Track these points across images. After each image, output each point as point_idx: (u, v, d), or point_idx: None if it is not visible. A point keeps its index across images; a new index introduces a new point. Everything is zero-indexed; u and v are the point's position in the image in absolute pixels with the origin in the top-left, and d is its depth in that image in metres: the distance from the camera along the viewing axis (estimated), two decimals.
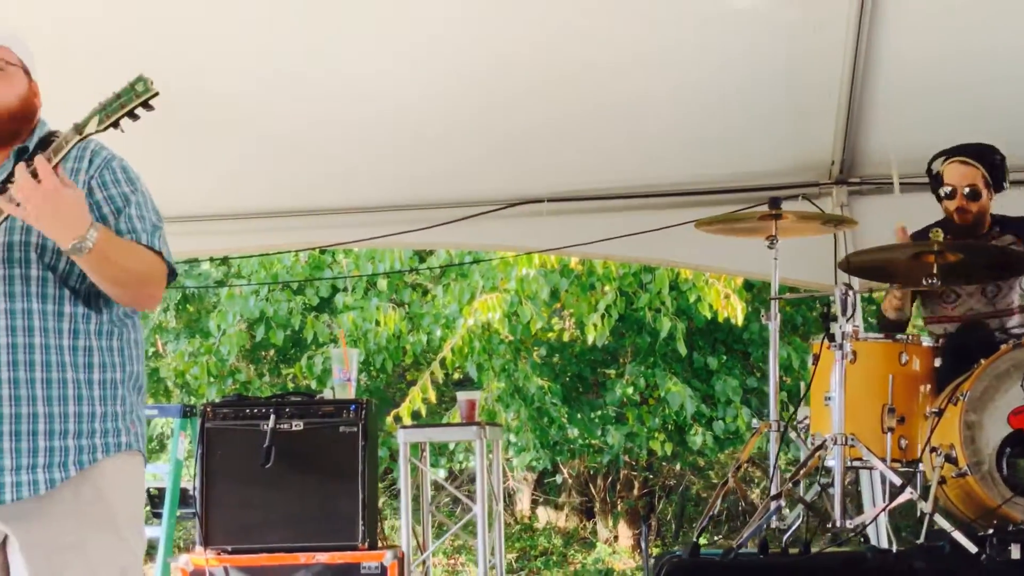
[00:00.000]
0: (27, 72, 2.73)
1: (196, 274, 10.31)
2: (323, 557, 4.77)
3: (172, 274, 2.73)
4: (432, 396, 8.75)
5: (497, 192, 5.50)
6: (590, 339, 8.86)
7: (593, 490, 12.42)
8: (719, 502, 4.24)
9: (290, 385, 11.07)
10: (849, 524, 3.86)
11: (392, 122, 5.01)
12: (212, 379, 9.70)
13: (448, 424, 7.95)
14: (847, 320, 3.94)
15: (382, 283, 9.37)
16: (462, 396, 5.43)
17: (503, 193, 5.50)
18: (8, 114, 2.65)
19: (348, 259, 9.28)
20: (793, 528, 4.08)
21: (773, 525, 4.03)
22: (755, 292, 9.17)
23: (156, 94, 2.45)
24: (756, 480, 11.43)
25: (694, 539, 3.88)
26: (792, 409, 4.59)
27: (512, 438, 9.92)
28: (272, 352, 11.14)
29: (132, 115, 2.47)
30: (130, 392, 2.71)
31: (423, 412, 8.57)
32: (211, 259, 9.82)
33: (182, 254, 6.11)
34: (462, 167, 5.34)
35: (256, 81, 4.73)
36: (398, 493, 10.71)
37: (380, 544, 5.03)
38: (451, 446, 10.32)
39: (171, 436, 10.38)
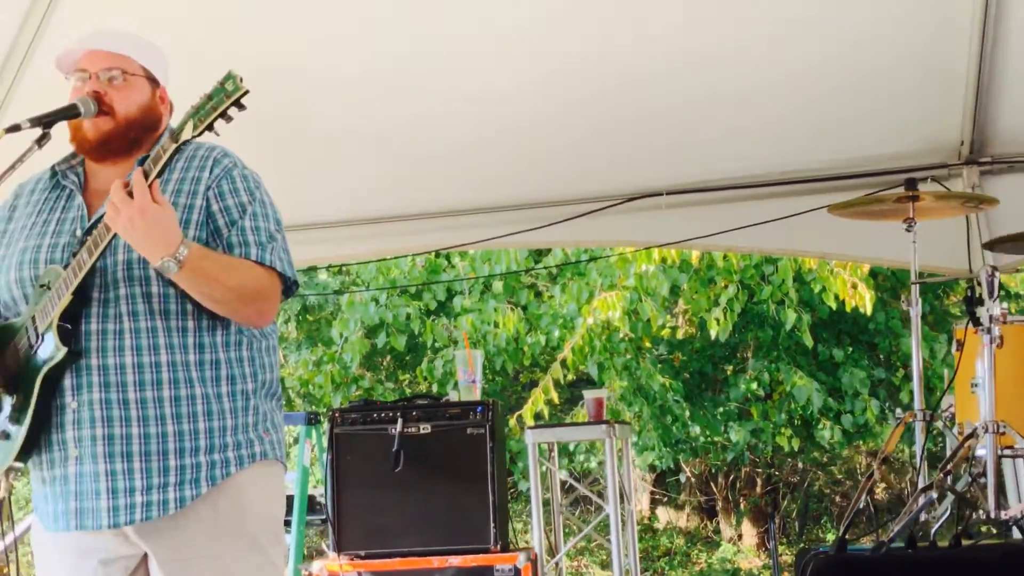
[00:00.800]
0: (152, 79, 2.72)
1: (315, 284, 10.41)
2: (456, 560, 4.75)
3: (290, 287, 2.68)
4: (555, 397, 8.70)
5: (614, 187, 5.40)
6: (712, 334, 8.72)
7: (714, 488, 12.26)
8: (864, 496, 4.11)
9: (407, 391, 11.13)
10: (1004, 515, 3.70)
11: (503, 120, 4.96)
12: (336, 387, 9.79)
13: (576, 423, 7.92)
14: (994, 303, 3.79)
15: (497, 285, 9.36)
16: (589, 395, 5.36)
17: (620, 187, 5.40)
18: (127, 123, 2.65)
19: (464, 262, 9.27)
20: (942, 520, 3.93)
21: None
22: (879, 280, 8.94)
23: (246, 92, 2.38)
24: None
25: (841, 534, 3.75)
26: (938, 397, 4.44)
27: (633, 438, 9.83)
28: (388, 358, 11.21)
29: (225, 116, 2.40)
30: (263, 401, 2.68)
31: (545, 413, 8.52)
32: (329, 267, 9.92)
33: (300, 263, 6.16)
34: (577, 162, 5.25)
35: (367, 85, 4.71)
36: (518, 495, 10.75)
37: (512, 546, 4.99)
38: (570, 447, 10.27)
39: (295, 444, 10.57)
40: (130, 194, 2.38)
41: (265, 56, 4.39)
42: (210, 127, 2.40)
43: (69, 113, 2.61)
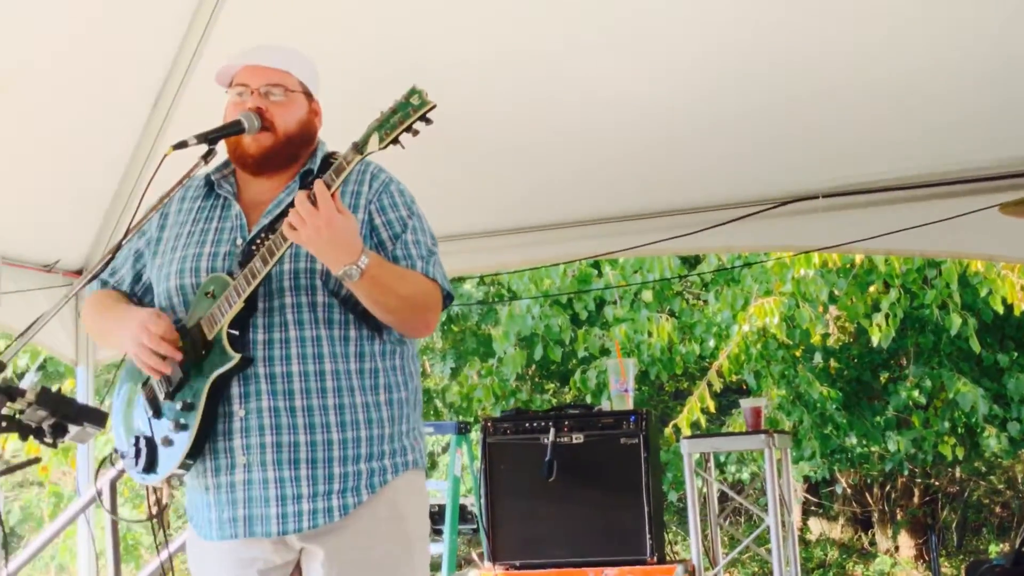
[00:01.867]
0: (308, 93, 2.79)
1: (459, 294, 10.52)
2: (612, 572, 4.74)
3: (447, 299, 2.73)
4: (711, 405, 8.61)
5: (767, 190, 5.30)
6: (874, 340, 8.50)
7: (870, 499, 11.96)
8: None
9: (556, 401, 11.14)
10: None
11: (653, 127, 4.90)
12: (496, 400, 9.87)
13: (734, 433, 7.81)
14: None
15: (647, 294, 9.30)
16: (746, 404, 5.28)
17: (773, 191, 5.29)
18: (287, 139, 2.72)
19: (615, 271, 9.23)
20: None
21: None
22: None
23: (434, 106, 2.41)
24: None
25: (1018, 546, 3.61)
26: None
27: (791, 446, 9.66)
28: (535, 368, 11.24)
29: (411, 130, 2.43)
30: (412, 409, 2.73)
31: (702, 423, 8.42)
32: (482, 277, 10.01)
33: (450, 272, 6.22)
34: (728, 166, 5.16)
35: (518, 94, 4.72)
36: (667, 506, 10.69)
37: (668, 558, 4.95)
38: (721, 458, 10.14)
39: (443, 453, 10.71)
40: (314, 204, 2.42)
41: (415, 65, 4.45)
42: (395, 141, 2.43)
43: (233, 129, 2.68)
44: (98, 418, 2.64)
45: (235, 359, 2.55)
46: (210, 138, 2.66)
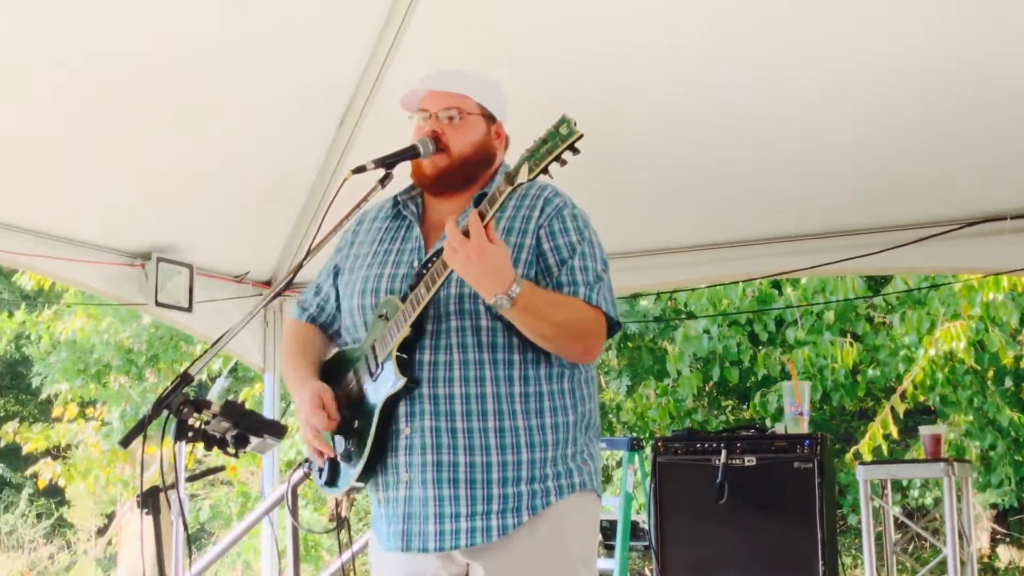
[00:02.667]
0: (488, 116, 2.86)
1: (635, 311, 10.51)
2: None
3: (614, 326, 2.73)
4: (894, 431, 8.38)
5: (954, 211, 5.16)
6: None
7: None
8: None
9: (733, 421, 11.01)
10: None
11: (834, 143, 4.82)
12: (670, 420, 9.83)
13: (912, 460, 7.58)
14: None
15: (829, 315, 9.11)
16: (925, 431, 5.15)
17: (960, 212, 5.15)
18: (462, 160, 2.79)
19: (796, 291, 9.08)
20: None
21: None
22: None
23: (580, 136, 2.40)
24: None
25: None
26: None
27: (974, 475, 9.32)
28: (714, 386, 11.13)
29: (560, 160, 2.43)
30: (581, 432, 2.74)
31: (884, 449, 8.21)
32: (658, 295, 9.98)
33: (623, 290, 6.23)
34: (916, 186, 5.04)
35: (696, 112, 4.72)
36: (847, 529, 10.44)
37: None
38: (903, 482, 9.86)
39: (616, 468, 10.72)
40: (466, 233, 2.48)
41: (594, 86, 4.50)
42: (544, 171, 2.45)
43: (409, 154, 2.78)
44: (278, 431, 2.78)
45: (401, 382, 2.63)
46: (387, 163, 2.75)
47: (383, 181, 2.77)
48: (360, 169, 2.71)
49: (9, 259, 5.14)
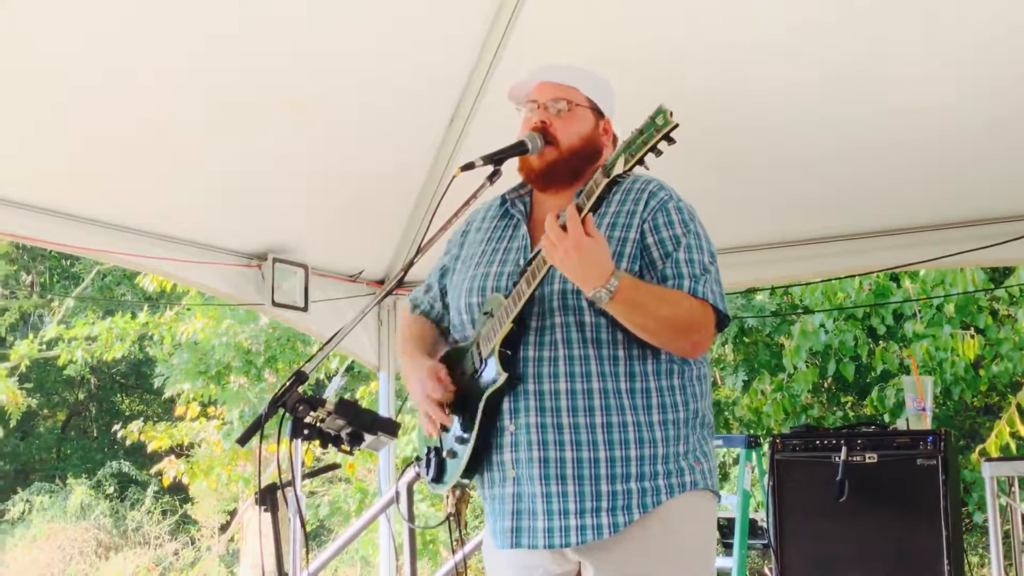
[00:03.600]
0: (597, 111, 2.83)
1: (751, 306, 10.36)
2: None
3: (723, 320, 2.68)
4: (1021, 429, 8.11)
5: None
6: None
7: None
8: None
9: (852, 417, 10.79)
10: None
11: (952, 129, 4.68)
12: (785, 416, 9.69)
13: None
14: None
15: (949, 308, 8.87)
16: None
17: None
18: (570, 152, 2.77)
19: (914, 284, 8.86)
20: None
21: None
22: None
23: (676, 126, 2.39)
24: None
25: None
26: None
27: None
28: (831, 381, 10.92)
29: (655, 150, 2.41)
30: (694, 430, 2.70)
31: (1013, 447, 7.96)
32: (772, 289, 9.82)
33: (738, 285, 6.15)
34: None
35: (809, 103, 4.63)
36: (972, 527, 10.17)
37: None
38: None
39: (733, 466, 10.59)
40: (564, 228, 2.47)
41: (706, 80, 4.45)
42: (640, 162, 2.43)
43: (518, 150, 2.78)
44: (391, 428, 2.79)
45: (503, 378, 2.63)
46: (496, 159, 2.75)
47: (492, 178, 2.79)
48: (469, 166, 2.72)
49: (130, 261, 5.26)
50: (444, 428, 2.78)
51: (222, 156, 4.79)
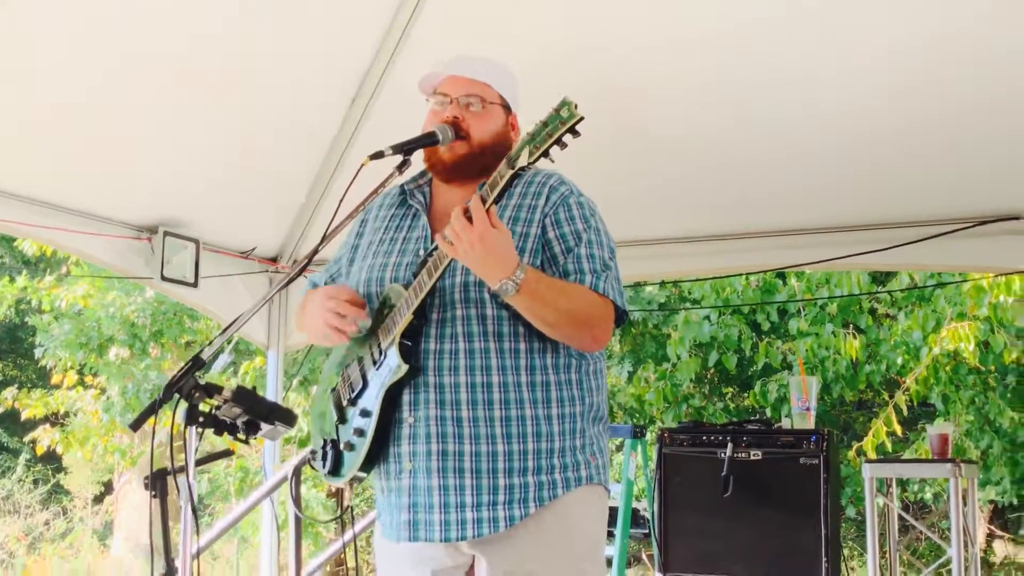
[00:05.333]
0: (506, 106, 2.82)
1: (640, 298, 10.47)
2: None
3: (621, 316, 2.69)
4: (898, 429, 8.36)
5: (966, 208, 5.10)
6: None
7: None
8: None
9: (733, 407, 10.99)
10: None
11: (846, 135, 4.76)
12: (667, 404, 9.81)
13: (919, 460, 7.57)
14: None
15: (832, 307, 9.08)
16: (933, 431, 5.13)
17: (973, 209, 5.09)
18: (480, 148, 2.75)
19: (800, 282, 9.05)
20: None
21: None
22: None
23: (581, 119, 2.38)
24: None
25: None
26: None
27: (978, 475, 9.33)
28: (713, 372, 11.11)
29: (560, 143, 2.40)
30: (590, 424, 2.71)
31: (888, 446, 8.19)
32: (661, 283, 9.93)
33: (631, 278, 6.20)
34: (924, 181, 4.96)
35: (706, 99, 4.65)
36: (845, 520, 10.48)
37: None
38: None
39: (616, 453, 10.72)
40: (469, 219, 2.45)
41: (602, 72, 4.44)
42: (545, 154, 2.42)
43: (428, 140, 2.74)
44: (288, 418, 2.74)
45: (404, 369, 2.60)
46: (405, 149, 2.71)
47: (400, 167, 2.74)
48: (377, 155, 2.67)
49: (14, 229, 5.09)
50: (351, 389, 2.74)
51: (115, 125, 4.64)
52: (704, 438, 4.96)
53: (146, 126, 4.70)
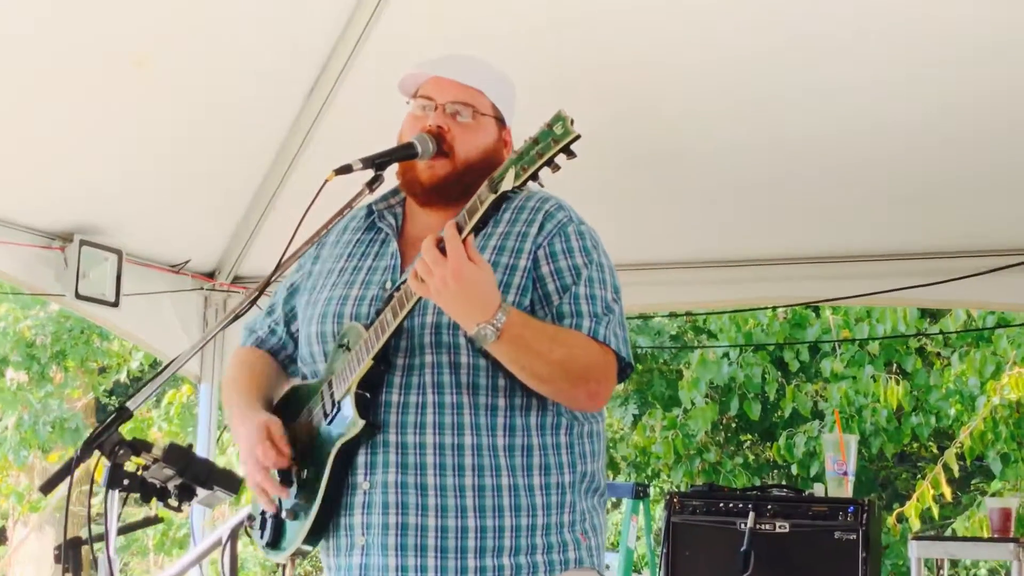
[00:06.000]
0: (500, 119, 2.78)
1: (648, 328, 10.43)
2: None
3: (625, 369, 2.64)
4: (947, 492, 8.35)
5: None
6: None
7: None
8: None
9: (752, 459, 10.99)
10: None
11: (895, 154, 4.82)
12: (676, 458, 9.76)
13: (975, 539, 7.53)
14: None
15: (873, 346, 9.06)
16: (993, 504, 5.13)
17: None
18: (465, 167, 2.68)
19: (836, 316, 9.02)
20: None
21: None
22: None
23: (577, 137, 2.33)
24: None
25: None
26: None
27: None
28: (731, 419, 11.09)
29: (552, 164, 2.36)
30: (581, 497, 2.66)
31: (935, 511, 8.19)
32: (672, 314, 9.92)
33: (635, 308, 6.20)
34: (984, 208, 5.03)
35: (726, 114, 4.74)
36: None
37: None
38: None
39: (613, 511, 10.70)
40: (443, 251, 2.41)
41: (613, 86, 4.48)
42: (534, 177, 2.37)
43: (405, 153, 2.68)
44: (230, 483, 2.73)
45: (360, 425, 2.55)
46: (377, 162, 2.64)
47: (371, 184, 2.67)
48: (345, 169, 2.61)
49: None
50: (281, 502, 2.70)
51: (23, 114, 4.64)
52: (721, 505, 4.94)
53: (64, 118, 4.70)
